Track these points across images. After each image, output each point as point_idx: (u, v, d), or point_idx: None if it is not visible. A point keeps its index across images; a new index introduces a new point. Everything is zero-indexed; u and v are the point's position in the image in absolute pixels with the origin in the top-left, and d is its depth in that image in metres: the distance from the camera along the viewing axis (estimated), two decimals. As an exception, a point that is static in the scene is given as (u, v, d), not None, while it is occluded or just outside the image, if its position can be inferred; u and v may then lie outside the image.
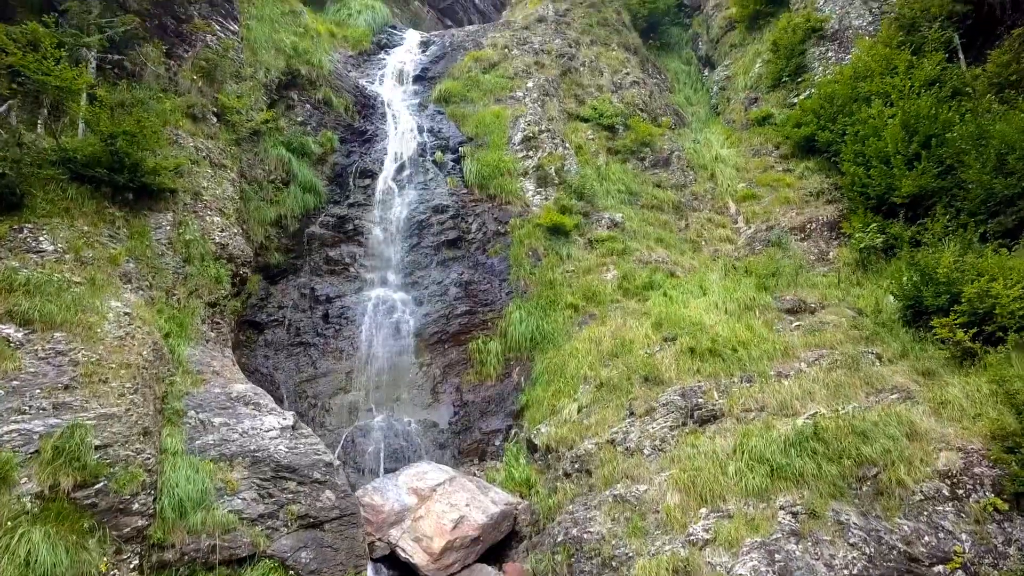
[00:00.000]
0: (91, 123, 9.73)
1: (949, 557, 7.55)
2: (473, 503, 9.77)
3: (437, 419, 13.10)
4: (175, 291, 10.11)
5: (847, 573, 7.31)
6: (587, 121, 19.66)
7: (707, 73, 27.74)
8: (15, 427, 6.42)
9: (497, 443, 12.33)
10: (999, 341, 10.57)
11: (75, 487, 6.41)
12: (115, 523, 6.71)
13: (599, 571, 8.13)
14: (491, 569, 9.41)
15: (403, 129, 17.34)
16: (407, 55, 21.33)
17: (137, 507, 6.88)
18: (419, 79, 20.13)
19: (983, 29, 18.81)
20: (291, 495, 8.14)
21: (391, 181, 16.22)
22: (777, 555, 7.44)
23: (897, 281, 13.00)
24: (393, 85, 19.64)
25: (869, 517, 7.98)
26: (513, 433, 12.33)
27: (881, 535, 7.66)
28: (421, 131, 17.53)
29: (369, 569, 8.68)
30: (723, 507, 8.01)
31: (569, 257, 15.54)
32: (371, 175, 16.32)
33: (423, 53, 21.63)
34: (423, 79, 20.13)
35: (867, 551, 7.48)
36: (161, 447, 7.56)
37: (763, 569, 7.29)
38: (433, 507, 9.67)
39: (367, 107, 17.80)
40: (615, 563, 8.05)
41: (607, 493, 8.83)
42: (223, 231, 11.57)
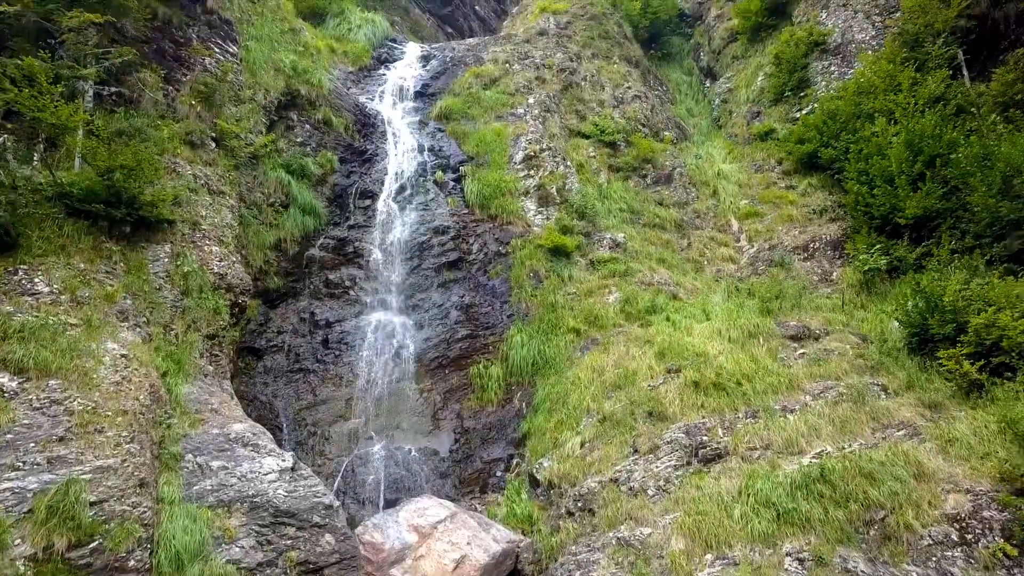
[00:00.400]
0: (88, 157, 9.62)
1: (958, 606, 7.43)
2: (475, 541, 9.65)
3: (438, 446, 12.98)
4: (173, 326, 9.99)
5: (855, 625, 7.19)
6: (588, 138, 19.54)
7: (708, 84, 27.62)
8: (9, 485, 6.31)
9: (499, 473, 12.21)
10: (1007, 368, 10.45)
11: (69, 547, 6.30)
12: (111, 582, 6.60)
13: (603, 617, 8.02)
14: (494, 609, 9.29)
15: (403, 148, 17.22)
16: (407, 70, 21.21)
17: (133, 563, 6.77)
18: (419, 95, 20.01)
19: (987, 43, 18.71)
20: (290, 541, 8.02)
21: (391, 202, 16.10)
22: (784, 605, 7.32)
23: (902, 307, 12.88)
24: (393, 102, 19.52)
25: (877, 563, 7.85)
26: (515, 463, 12.21)
27: (889, 583, 7.54)
28: (422, 150, 17.41)
29: (370, 612, 8.56)
30: (729, 554, 7.89)
31: (571, 279, 15.42)
32: (371, 196, 16.20)
33: (423, 68, 21.51)
34: (423, 95, 20.01)
35: (875, 601, 7.36)
36: (158, 496, 7.45)
37: (770, 620, 7.17)
38: (434, 546, 9.55)
39: (367, 126, 17.68)
40: (619, 609, 7.93)
41: (611, 535, 8.72)
42: (222, 261, 11.46)
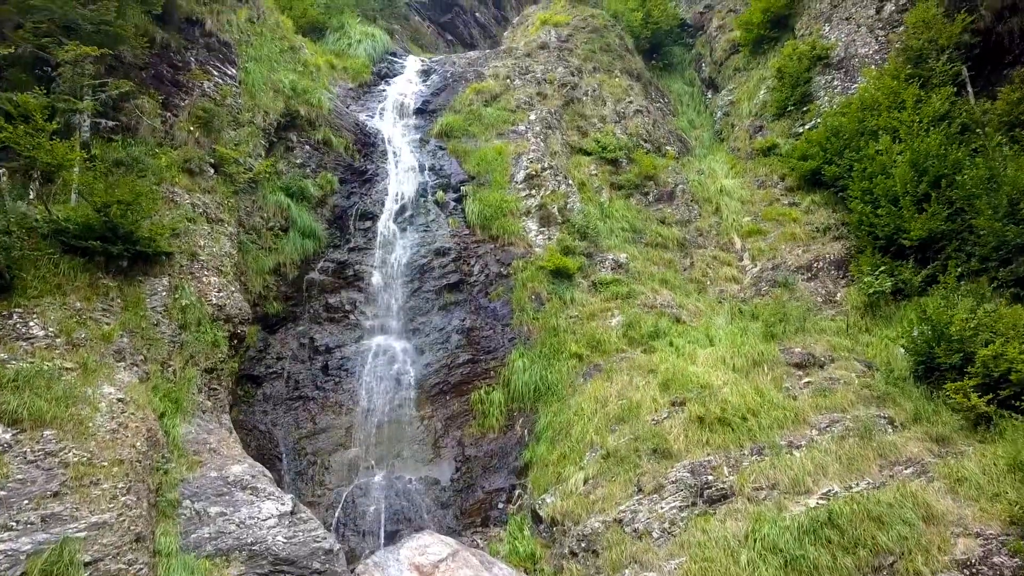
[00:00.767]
0: (84, 193, 9.49)
1: (969, 660, 7.29)
2: (477, 581, 9.51)
3: (439, 475, 12.85)
4: (170, 362, 9.87)
5: None
6: (590, 155, 19.41)
7: (710, 96, 27.47)
8: (2, 547, 6.17)
9: (500, 505, 12.08)
10: (1015, 400, 10.32)
11: (63, 612, 6.18)
12: (105, 642, 6.46)
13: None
14: (496, 651, 9.17)
15: (404, 168, 17.09)
16: (407, 86, 21.07)
17: (129, 623, 6.65)
18: (420, 112, 19.87)
19: (991, 58, 18.57)
20: (289, 589, 7.89)
21: (392, 223, 15.97)
22: (792, 658, 7.18)
23: (907, 334, 12.77)
24: (394, 119, 19.39)
25: (886, 612, 7.72)
26: (517, 494, 12.08)
27: (899, 635, 7.40)
28: (422, 169, 17.28)
29: (370, 657, 8.44)
30: (736, 603, 7.76)
31: (573, 301, 15.28)
32: (372, 217, 16.07)
33: (423, 83, 21.37)
34: (424, 112, 19.87)
35: (885, 654, 7.22)
36: (155, 549, 7.32)
37: (778, 675, 7.03)
38: (436, 586, 9.42)
39: (367, 145, 17.55)
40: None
41: (615, 579, 8.59)
42: (220, 291, 11.33)
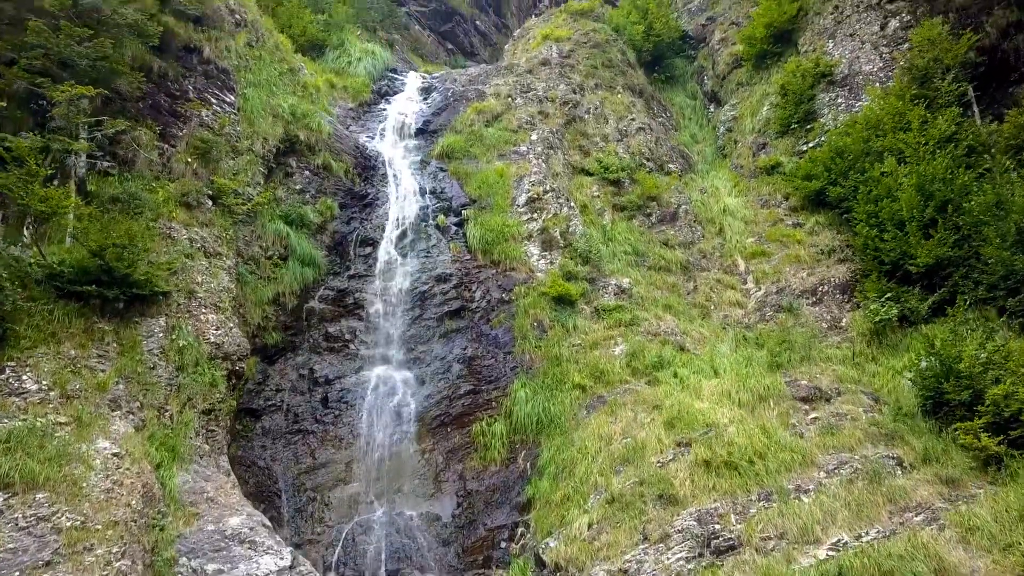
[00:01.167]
0: (79, 237, 9.33)
1: None
2: (479, 630, 9.34)
3: (440, 511, 12.69)
4: (167, 407, 9.71)
5: None
6: (592, 175, 19.24)
7: (712, 109, 27.29)
8: (-9, 625, 6.02)
9: (503, 544, 11.91)
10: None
11: None
12: None
13: None
14: None
15: (404, 192, 16.92)
16: (408, 104, 20.90)
17: None
18: (421, 132, 19.70)
19: (996, 75, 18.42)
20: (288, 649, 7.72)
21: (393, 249, 15.81)
22: None
23: (915, 367, 12.59)
24: (394, 140, 19.23)
25: (898, 674, 7.54)
26: (520, 533, 11.90)
27: None
28: (423, 193, 17.11)
29: None
30: (744, 664, 7.58)
31: (575, 329, 15.11)
32: (372, 243, 15.91)
33: (424, 101, 21.20)
34: (425, 132, 19.71)
35: None
36: (150, 614, 7.16)
37: None
38: (437, 636, 9.25)
39: (368, 168, 17.39)
40: None
41: (620, 635, 8.41)
42: (218, 329, 11.17)
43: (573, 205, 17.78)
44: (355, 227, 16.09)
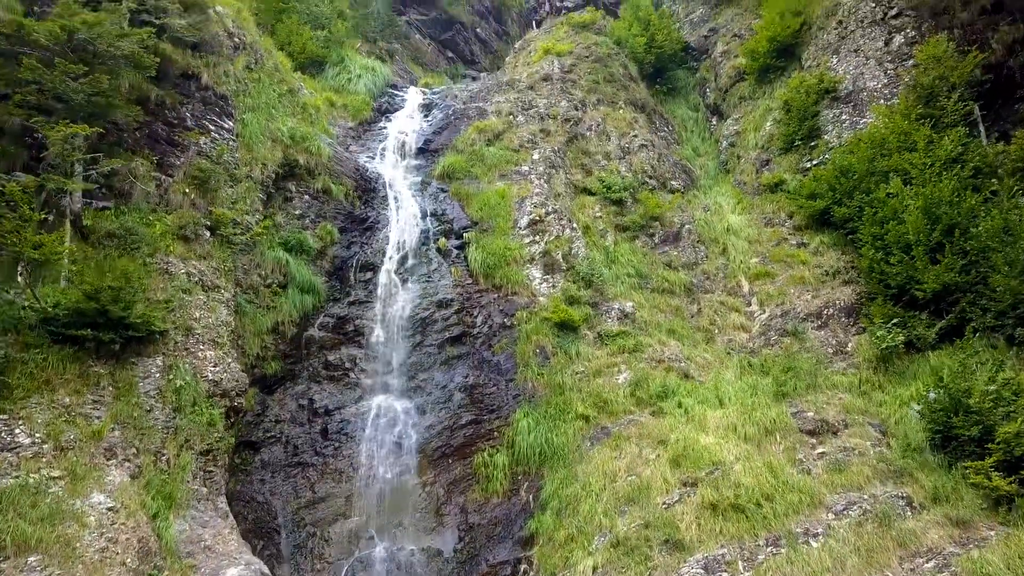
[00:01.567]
0: (75, 280, 9.15)
1: None
2: None
3: (441, 546, 12.51)
4: (164, 450, 9.53)
5: None
6: (594, 195, 19.07)
7: (715, 122, 27.11)
8: None
9: (505, 582, 11.73)
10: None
11: None
12: None
13: None
14: None
15: (406, 215, 16.73)
16: (409, 122, 20.72)
17: None
18: (421, 152, 19.51)
19: (1002, 92, 18.27)
20: None
21: (393, 274, 15.63)
22: None
23: (923, 399, 12.42)
24: (395, 160, 19.05)
25: None
26: (523, 570, 11.71)
27: None
28: (424, 215, 16.93)
29: None
30: None
31: (578, 355, 14.93)
32: (372, 268, 15.73)
33: (425, 119, 21.01)
34: (425, 151, 19.51)
35: None
36: None
37: None
38: None
39: (368, 191, 17.21)
40: None
41: None
42: (216, 365, 10.99)
43: (575, 226, 17.60)
44: (355, 252, 15.92)
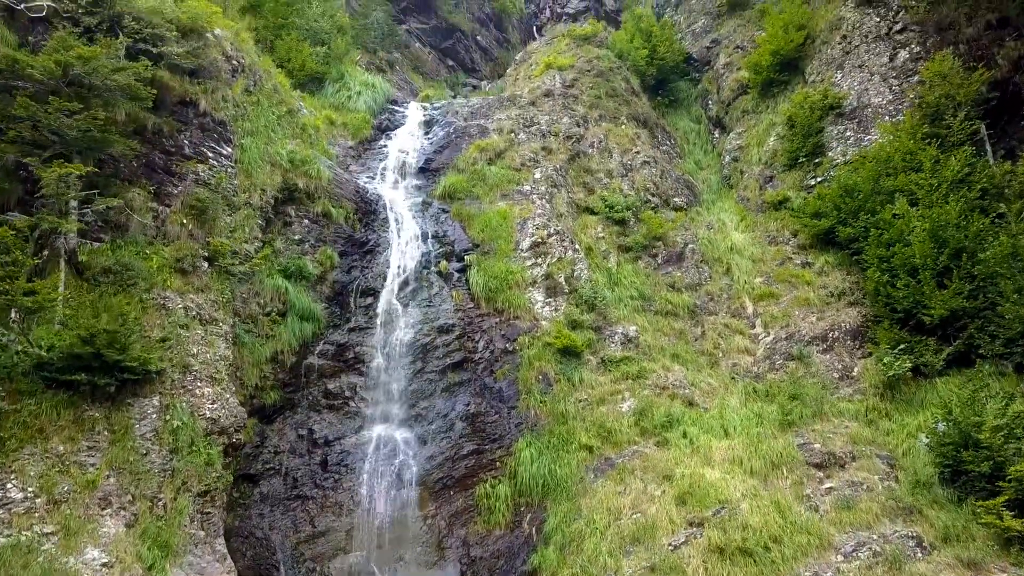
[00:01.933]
0: (70, 323, 8.98)
1: None
2: None
3: (443, 581, 12.35)
4: (160, 495, 9.36)
5: None
6: (596, 214, 18.89)
7: (717, 135, 26.91)
8: None
9: (508, 621, 11.57)
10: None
11: None
12: None
13: None
14: None
15: (406, 237, 16.55)
16: (409, 140, 20.51)
17: None
18: (422, 171, 19.31)
19: (1008, 108, 18.13)
20: None
21: (394, 299, 15.45)
22: None
23: (932, 431, 12.25)
24: (395, 180, 18.85)
25: None
26: (526, 610, 11.56)
27: None
28: (425, 238, 16.75)
29: None
30: None
31: (581, 383, 14.76)
32: (373, 293, 15.55)
33: (426, 137, 20.81)
34: (426, 171, 19.32)
35: None
36: None
37: None
38: None
39: (368, 213, 17.02)
40: None
41: None
42: (214, 402, 10.83)
43: (578, 248, 17.42)
44: (356, 276, 15.74)
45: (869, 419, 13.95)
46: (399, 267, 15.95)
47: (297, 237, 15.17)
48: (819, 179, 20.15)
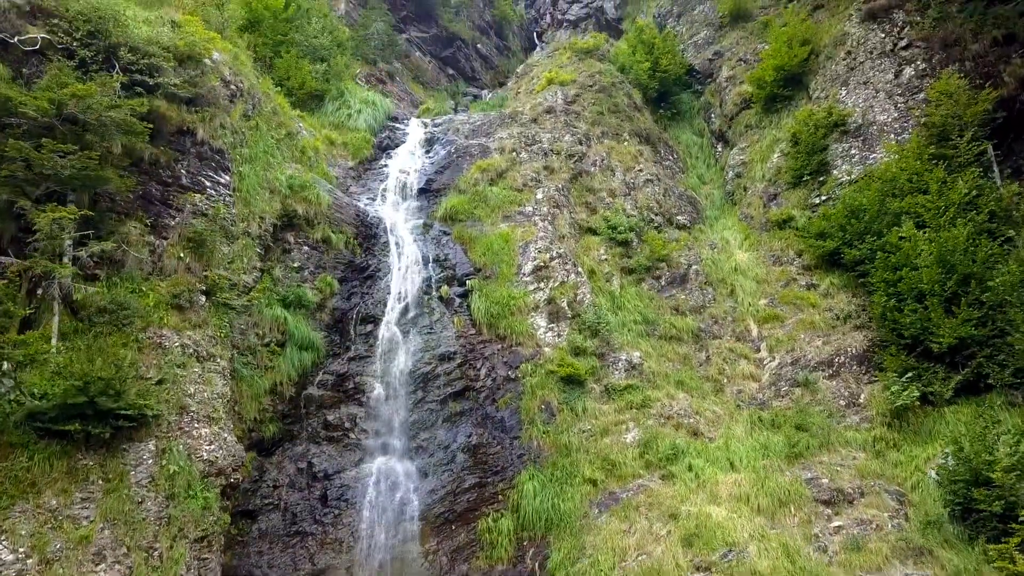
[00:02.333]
0: (64, 372, 8.78)
1: None
2: None
3: (445, 619, 12.15)
4: (156, 544, 9.16)
5: None
6: (599, 235, 18.68)
7: (720, 149, 26.69)
8: None
9: (511, 663, 11.37)
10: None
11: None
12: None
13: None
14: None
15: (407, 261, 16.34)
16: (410, 159, 20.31)
17: None
18: (423, 192, 19.09)
19: (1015, 126, 17.97)
20: None
21: (395, 326, 15.24)
22: None
23: (942, 468, 12.06)
24: (396, 202, 18.64)
25: None
26: (529, 651, 11.36)
27: None
28: (426, 262, 16.54)
29: None
30: None
31: (585, 412, 14.56)
32: (373, 320, 15.35)
33: (426, 155, 20.61)
34: (427, 192, 19.09)
35: None
36: None
37: None
38: None
39: (369, 237, 16.82)
40: None
41: None
42: (211, 443, 10.63)
43: (580, 271, 17.21)
44: (356, 303, 15.53)
45: (877, 450, 13.76)
46: (400, 293, 15.75)
47: (296, 264, 14.98)
48: (824, 198, 19.94)
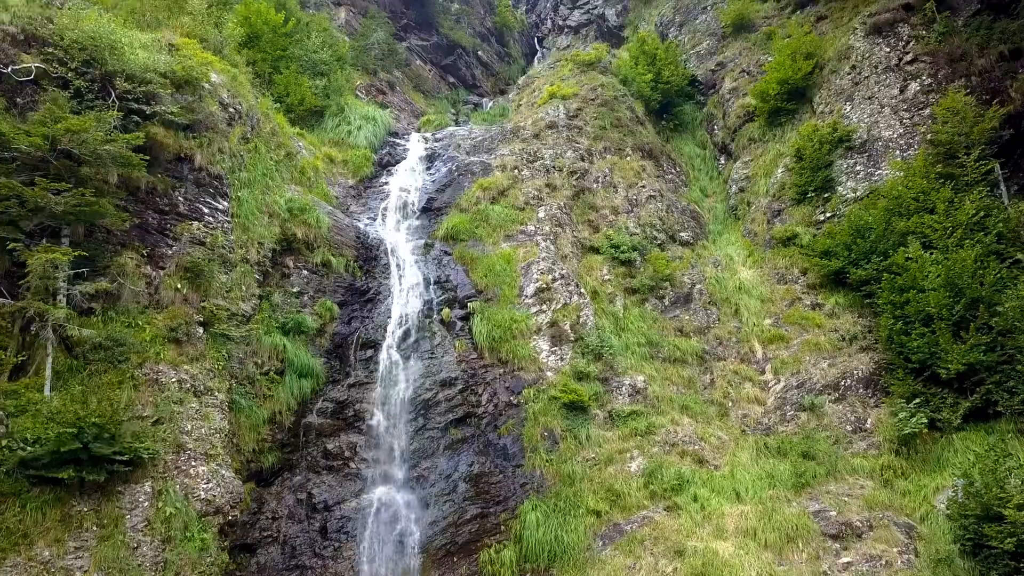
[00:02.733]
0: (57, 417, 8.59)
1: None
2: None
3: (447, 656, 11.96)
4: (152, 590, 8.98)
5: None
6: (601, 253, 18.48)
7: (723, 161, 26.48)
8: None
9: None
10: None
11: None
12: None
13: None
14: None
15: (408, 285, 16.14)
16: (411, 176, 20.10)
17: None
18: (425, 211, 18.88)
19: (1021, 142, 17.76)
20: None
21: (395, 351, 15.05)
22: None
23: (952, 501, 11.85)
24: (397, 221, 18.43)
25: None
26: None
27: None
28: (427, 284, 16.34)
29: None
30: None
31: (589, 440, 14.36)
32: (373, 345, 15.15)
33: (427, 172, 20.40)
34: (429, 210, 18.88)
35: None
36: None
37: None
38: None
39: (369, 259, 16.62)
40: None
41: None
42: (209, 481, 10.44)
43: (583, 292, 17.01)
44: (356, 327, 15.34)
45: (885, 479, 13.58)
46: (400, 316, 15.55)
47: (296, 289, 14.78)
48: (829, 215, 19.74)
